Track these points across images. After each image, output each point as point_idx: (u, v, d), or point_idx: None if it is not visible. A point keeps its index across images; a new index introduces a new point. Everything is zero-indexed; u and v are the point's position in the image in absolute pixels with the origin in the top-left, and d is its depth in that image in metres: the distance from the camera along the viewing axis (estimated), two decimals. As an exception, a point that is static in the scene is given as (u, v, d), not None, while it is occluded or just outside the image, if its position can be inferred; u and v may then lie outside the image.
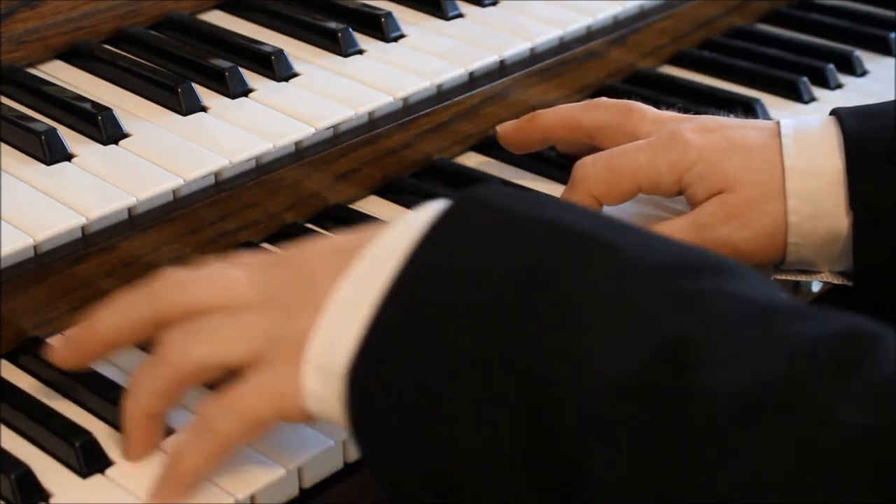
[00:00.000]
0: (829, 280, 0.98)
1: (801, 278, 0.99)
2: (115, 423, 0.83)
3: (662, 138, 0.97)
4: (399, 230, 0.74)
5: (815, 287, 1.08)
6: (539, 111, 1.07)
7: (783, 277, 0.99)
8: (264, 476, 0.80)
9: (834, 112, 0.97)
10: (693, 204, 0.97)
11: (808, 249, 0.95)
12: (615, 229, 0.72)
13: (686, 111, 1.18)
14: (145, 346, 0.90)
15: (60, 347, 0.83)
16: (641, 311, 0.66)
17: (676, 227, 0.96)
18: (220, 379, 0.78)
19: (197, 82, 1.06)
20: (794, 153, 0.94)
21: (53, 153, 0.96)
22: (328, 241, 0.79)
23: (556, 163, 1.13)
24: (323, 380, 0.73)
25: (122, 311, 0.80)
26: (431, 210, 0.74)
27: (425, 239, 0.72)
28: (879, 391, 0.61)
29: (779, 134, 0.96)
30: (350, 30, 1.14)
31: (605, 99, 1.05)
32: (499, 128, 1.09)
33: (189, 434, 0.77)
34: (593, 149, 1.04)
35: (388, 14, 1.17)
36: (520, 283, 0.68)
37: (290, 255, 0.79)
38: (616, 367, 0.64)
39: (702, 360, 0.63)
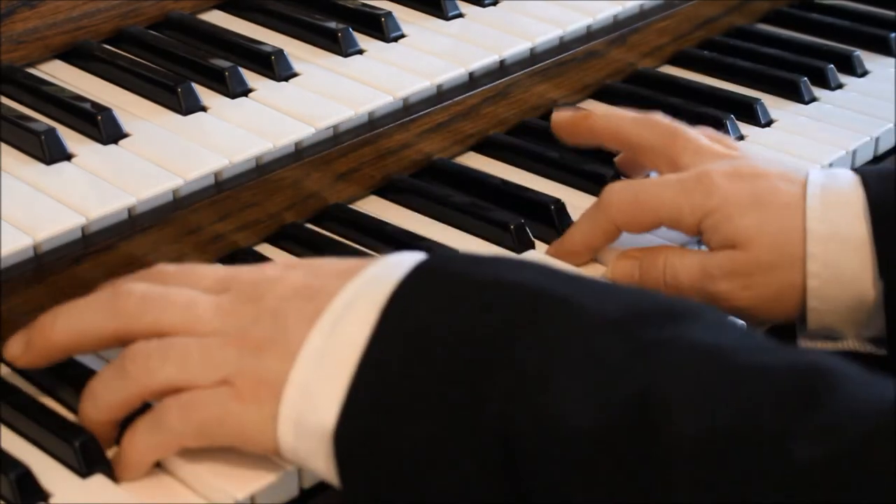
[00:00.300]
0: (858, 348, 0.95)
1: (828, 346, 0.96)
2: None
3: (691, 178, 0.96)
4: (362, 288, 0.76)
5: None
6: (594, 112, 1.07)
7: (808, 345, 0.97)
8: (264, 476, 0.80)
9: (860, 172, 0.94)
10: (709, 244, 0.96)
11: (830, 315, 0.93)
12: (572, 284, 0.74)
13: (686, 111, 1.18)
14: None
15: (15, 345, 0.83)
16: (604, 363, 0.68)
17: (686, 266, 0.96)
18: None
19: (197, 82, 1.05)
20: (818, 215, 0.92)
21: (53, 153, 0.96)
22: (295, 278, 0.79)
23: (557, 163, 1.13)
24: (295, 434, 0.75)
25: (83, 321, 0.81)
26: (395, 269, 0.75)
27: (393, 302, 0.73)
28: (833, 427, 0.63)
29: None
30: (350, 30, 1.14)
31: (657, 118, 1.04)
32: (554, 113, 1.09)
33: (146, 423, 0.78)
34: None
35: (388, 14, 1.17)
36: (488, 341, 0.70)
37: (256, 286, 0.80)
38: (584, 420, 0.67)
39: (664, 408, 0.65)
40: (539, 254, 1.02)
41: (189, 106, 1.03)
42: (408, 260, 0.76)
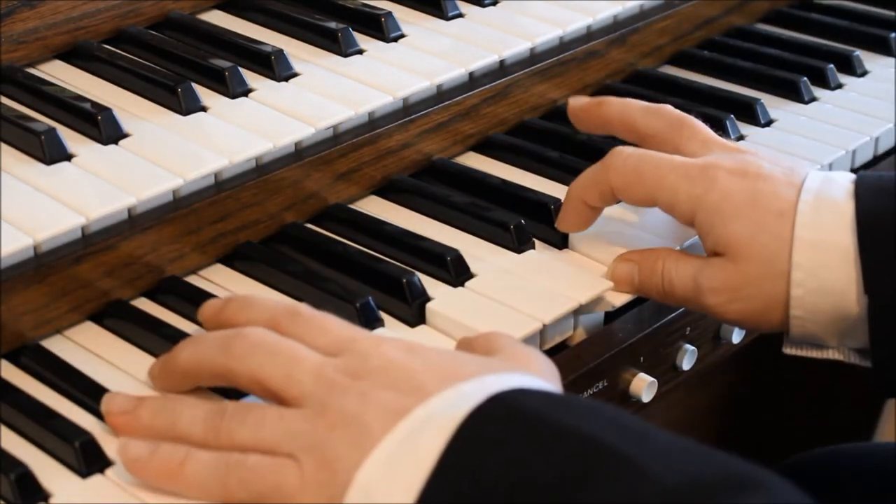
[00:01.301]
0: (842, 358, 0.95)
1: (813, 354, 0.96)
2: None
3: (697, 166, 0.95)
4: (447, 403, 0.75)
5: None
6: (609, 98, 1.06)
7: (792, 352, 0.97)
8: (264, 476, 0.80)
9: (858, 181, 0.93)
10: (701, 240, 0.96)
11: (813, 325, 0.92)
12: (639, 441, 0.72)
13: (686, 111, 1.18)
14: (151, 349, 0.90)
15: (156, 365, 0.86)
16: None
17: (681, 277, 0.96)
18: None
19: (197, 82, 1.05)
20: (807, 222, 0.91)
21: (53, 153, 0.96)
22: (404, 367, 0.78)
23: (557, 163, 1.13)
24: None
25: (203, 353, 0.83)
26: (478, 393, 0.74)
27: (461, 431, 0.73)
28: None
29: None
30: (350, 30, 1.14)
31: (667, 107, 1.04)
32: (570, 100, 1.08)
33: (210, 468, 0.77)
34: None
35: (388, 14, 1.17)
36: (544, 495, 0.69)
37: (366, 361, 0.79)
38: None
39: None
40: (540, 254, 1.02)
41: (189, 106, 1.03)
42: (493, 384, 0.75)
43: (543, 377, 0.81)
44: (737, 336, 1.07)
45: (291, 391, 0.78)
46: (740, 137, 1.19)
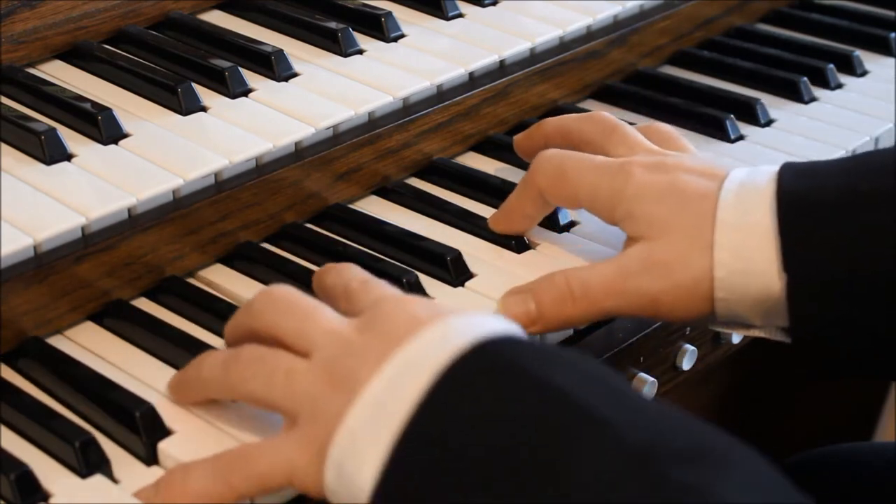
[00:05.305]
0: (767, 336, 0.95)
1: (739, 331, 0.96)
2: (115, 423, 0.83)
3: (615, 163, 0.96)
4: (430, 345, 0.76)
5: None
6: (546, 119, 1.07)
7: (719, 329, 0.97)
8: (264, 476, 0.80)
9: (784, 166, 0.93)
10: (623, 229, 0.96)
11: (738, 305, 0.91)
12: (614, 401, 0.72)
13: (686, 111, 1.18)
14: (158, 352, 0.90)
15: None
16: (622, 500, 0.67)
17: (598, 272, 0.93)
18: None
19: (197, 82, 1.06)
20: (729, 205, 0.91)
21: (53, 153, 0.96)
22: (415, 314, 0.79)
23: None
24: (338, 479, 0.75)
25: (236, 318, 0.86)
26: (462, 335, 0.76)
27: (443, 380, 0.74)
28: None
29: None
30: (350, 30, 1.14)
31: (601, 114, 1.04)
32: (514, 138, 1.09)
33: (207, 470, 0.78)
34: None
35: (388, 14, 1.17)
36: (514, 456, 0.70)
37: (378, 311, 0.80)
38: None
39: None
40: (537, 253, 1.02)
41: (189, 106, 1.03)
42: (478, 327, 0.76)
43: None
44: (737, 336, 1.07)
45: (303, 347, 0.80)
46: (740, 137, 1.19)
